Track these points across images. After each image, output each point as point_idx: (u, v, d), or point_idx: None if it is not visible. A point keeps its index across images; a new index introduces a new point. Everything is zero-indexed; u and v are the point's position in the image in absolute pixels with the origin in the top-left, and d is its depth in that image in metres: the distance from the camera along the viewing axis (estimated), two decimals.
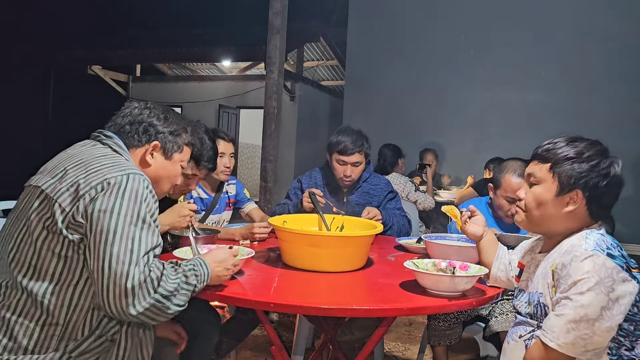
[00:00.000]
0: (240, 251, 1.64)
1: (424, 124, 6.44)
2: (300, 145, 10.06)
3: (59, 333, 1.21)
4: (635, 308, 1.26)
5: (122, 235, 1.17)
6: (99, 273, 1.16)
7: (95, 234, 1.17)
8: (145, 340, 1.35)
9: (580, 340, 1.18)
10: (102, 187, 1.20)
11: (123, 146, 1.38)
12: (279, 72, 4.93)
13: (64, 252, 1.21)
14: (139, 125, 1.42)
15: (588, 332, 1.18)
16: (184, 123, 1.53)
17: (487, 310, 2.25)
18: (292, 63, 10.79)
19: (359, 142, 2.45)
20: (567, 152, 1.32)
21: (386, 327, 1.53)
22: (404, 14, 6.57)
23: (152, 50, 10.53)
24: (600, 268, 1.19)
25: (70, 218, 1.19)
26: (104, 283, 1.15)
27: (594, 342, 1.19)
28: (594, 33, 5.68)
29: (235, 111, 10.82)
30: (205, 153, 2.00)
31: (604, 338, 1.19)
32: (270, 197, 5.00)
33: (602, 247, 1.23)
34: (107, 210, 1.18)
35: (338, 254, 1.69)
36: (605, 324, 1.17)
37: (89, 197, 1.19)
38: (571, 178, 1.30)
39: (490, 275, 1.59)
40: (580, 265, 1.21)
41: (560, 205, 1.32)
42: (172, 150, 1.47)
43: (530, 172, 1.40)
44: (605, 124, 5.50)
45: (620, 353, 1.26)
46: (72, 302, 1.21)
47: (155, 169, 1.45)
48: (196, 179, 2.03)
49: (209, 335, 1.87)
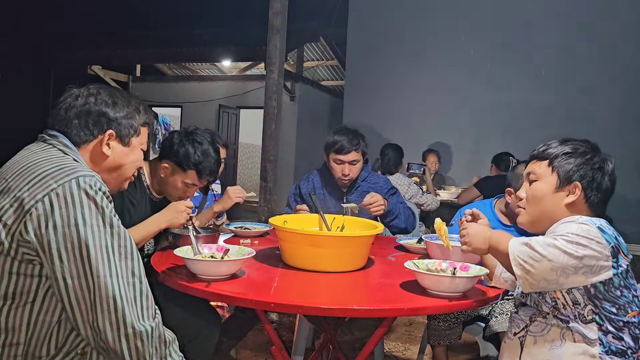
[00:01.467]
0: (241, 251, 1.64)
1: (424, 124, 6.44)
2: (300, 145, 10.06)
3: (21, 353, 1.13)
4: (618, 291, 1.28)
5: (98, 249, 1.09)
6: (77, 294, 1.08)
7: (67, 251, 1.08)
8: None
9: (527, 258, 1.26)
10: (49, 200, 1.09)
11: (69, 144, 1.25)
12: (279, 72, 4.94)
13: (16, 270, 1.11)
14: (87, 117, 1.29)
15: (538, 256, 1.25)
16: (135, 103, 1.39)
17: (487, 310, 2.25)
18: (292, 63, 10.79)
19: (355, 141, 2.45)
20: (563, 148, 1.41)
21: (386, 327, 1.53)
22: (403, 14, 6.57)
23: (152, 50, 10.53)
24: (584, 231, 1.26)
25: (17, 236, 1.09)
26: (92, 311, 1.08)
27: (534, 269, 1.25)
28: (593, 33, 5.68)
29: (235, 111, 10.82)
30: (208, 166, 1.99)
31: (544, 272, 1.25)
32: (270, 197, 5.00)
33: (594, 222, 1.30)
34: (71, 224, 1.08)
35: (338, 254, 1.69)
36: (556, 264, 1.24)
37: (35, 212, 1.08)
38: (569, 171, 1.38)
39: (494, 276, 1.59)
40: (567, 225, 1.30)
41: (560, 198, 1.39)
42: (129, 136, 1.35)
43: (530, 170, 1.47)
44: (605, 124, 5.51)
45: (609, 341, 1.28)
46: (32, 319, 1.13)
47: (114, 159, 1.33)
48: (195, 188, 2.04)
49: (209, 335, 1.86)
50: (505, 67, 6.10)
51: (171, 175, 1.99)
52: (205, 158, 1.97)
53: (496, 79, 6.14)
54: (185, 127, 2.12)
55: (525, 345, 1.38)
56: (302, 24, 9.03)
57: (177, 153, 1.97)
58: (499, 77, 6.13)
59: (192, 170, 1.97)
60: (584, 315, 1.29)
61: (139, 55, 10.77)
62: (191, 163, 1.96)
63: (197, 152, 1.96)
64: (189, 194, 2.03)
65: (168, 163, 1.99)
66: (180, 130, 2.11)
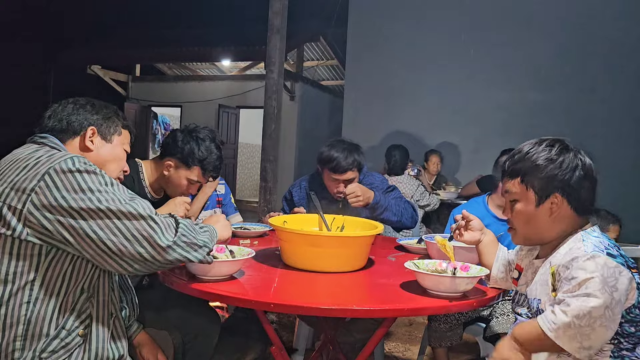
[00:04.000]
0: (240, 251, 1.64)
1: (424, 124, 6.44)
2: (300, 145, 10.07)
3: (21, 333, 1.17)
4: (637, 310, 1.25)
5: (115, 203, 1.17)
6: (120, 248, 1.16)
7: (86, 219, 1.14)
8: (117, 331, 1.32)
9: (579, 336, 1.18)
10: (49, 177, 1.15)
11: (59, 143, 1.34)
12: (279, 72, 4.93)
13: (16, 251, 1.16)
14: (68, 119, 1.39)
15: (588, 329, 1.18)
16: (113, 109, 1.49)
17: (488, 310, 2.24)
18: (292, 63, 10.79)
19: (351, 159, 2.33)
20: (531, 161, 1.34)
21: (386, 327, 1.53)
22: (403, 14, 6.56)
23: (152, 50, 10.54)
24: (603, 267, 1.20)
25: (26, 214, 1.14)
26: (133, 253, 1.16)
27: (591, 340, 1.19)
28: (593, 33, 5.68)
29: (235, 111, 10.82)
30: (212, 162, 2.02)
31: (601, 336, 1.19)
32: (270, 197, 5.00)
33: (600, 247, 1.25)
34: (77, 190, 1.15)
35: (338, 254, 1.69)
36: (606, 322, 1.18)
37: (40, 190, 1.14)
38: (543, 185, 1.32)
39: (491, 277, 1.59)
40: (582, 265, 1.22)
41: (544, 213, 1.34)
42: (110, 133, 1.44)
43: (506, 189, 1.41)
44: (605, 124, 5.51)
45: (622, 354, 1.26)
46: (32, 298, 1.18)
47: (98, 154, 1.41)
48: (197, 185, 2.05)
49: (208, 335, 1.86)
50: (505, 67, 6.10)
51: (175, 172, 2.00)
52: (209, 154, 2.00)
53: (496, 79, 6.14)
54: (186, 125, 2.13)
55: None
56: (302, 24, 9.02)
57: (182, 150, 1.98)
58: (499, 77, 6.13)
59: (197, 167, 1.99)
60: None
61: (139, 55, 10.78)
62: (196, 159, 1.97)
63: (201, 149, 1.98)
64: (191, 191, 2.05)
65: (172, 160, 2.00)
66: (181, 128, 2.12)
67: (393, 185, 2.64)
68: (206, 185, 2.45)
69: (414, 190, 4.13)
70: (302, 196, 2.57)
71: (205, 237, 1.31)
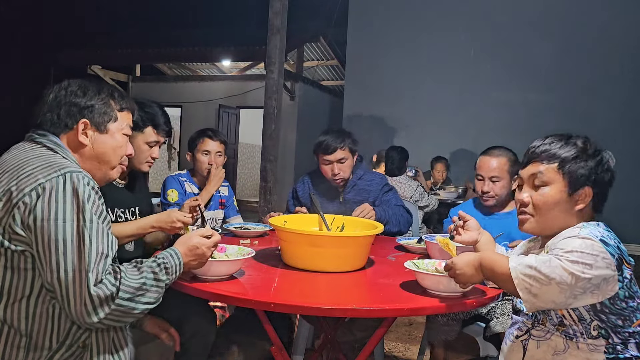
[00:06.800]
0: (240, 251, 1.64)
1: (424, 124, 6.44)
2: (300, 145, 10.06)
3: (24, 344, 1.16)
4: (623, 303, 1.25)
5: (72, 243, 1.12)
6: (55, 285, 1.12)
7: (44, 245, 1.12)
8: (119, 341, 1.30)
9: (532, 280, 1.21)
10: (37, 193, 1.13)
11: (59, 142, 1.28)
12: (279, 72, 4.93)
13: (10, 264, 1.15)
14: (59, 109, 1.30)
15: (545, 279, 1.20)
16: (107, 89, 1.39)
17: (487, 309, 2.25)
18: (292, 63, 10.79)
19: (340, 139, 2.43)
20: (571, 150, 1.33)
21: (386, 327, 1.53)
22: (403, 14, 6.57)
23: (152, 50, 10.54)
24: (588, 247, 1.21)
25: (7, 228, 1.13)
26: (63, 294, 1.12)
27: (541, 291, 1.21)
28: (593, 33, 5.68)
29: (235, 111, 10.82)
30: (159, 117, 2.00)
31: (552, 295, 1.21)
32: (270, 197, 5.00)
33: (595, 234, 1.25)
34: (50, 218, 1.12)
35: (338, 254, 1.69)
36: (564, 287, 1.19)
37: (23, 205, 1.12)
38: (582, 176, 1.31)
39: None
40: (570, 241, 1.24)
41: (571, 203, 1.33)
42: (105, 122, 1.34)
43: (534, 172, 1.37)
44: (605, 124, 5.51)
45: (616, 351, 1.26)
46: (29, 313, 1.16)
47: (94, 148, 1.33)
48: (159, 145, 2.03)
49: (205, 334, 1.87)
50: (505, 67, 6.10)
51: (133, 141, 1.97)
52: (155, 113, 1.99)
53: (496, 79, 6.14)
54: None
55: (528, 349, 1.37)
56: (302, 24, 9.03)
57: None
58: (499, 77, 6.13)
59: (149, 126, 1.97)
60: (590, 331, 1.26)
61: (139, 55, 10.78)
62: (145, 120, 1.96)
63: (145, 110, 1.96)
64: (154, 155, 2.01)
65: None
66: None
67: (391, 185, 2.66)
68: (209, 184, 2.44)
69: (413, 191, 4.14)
70: (305, 191, 2.60)
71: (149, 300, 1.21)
